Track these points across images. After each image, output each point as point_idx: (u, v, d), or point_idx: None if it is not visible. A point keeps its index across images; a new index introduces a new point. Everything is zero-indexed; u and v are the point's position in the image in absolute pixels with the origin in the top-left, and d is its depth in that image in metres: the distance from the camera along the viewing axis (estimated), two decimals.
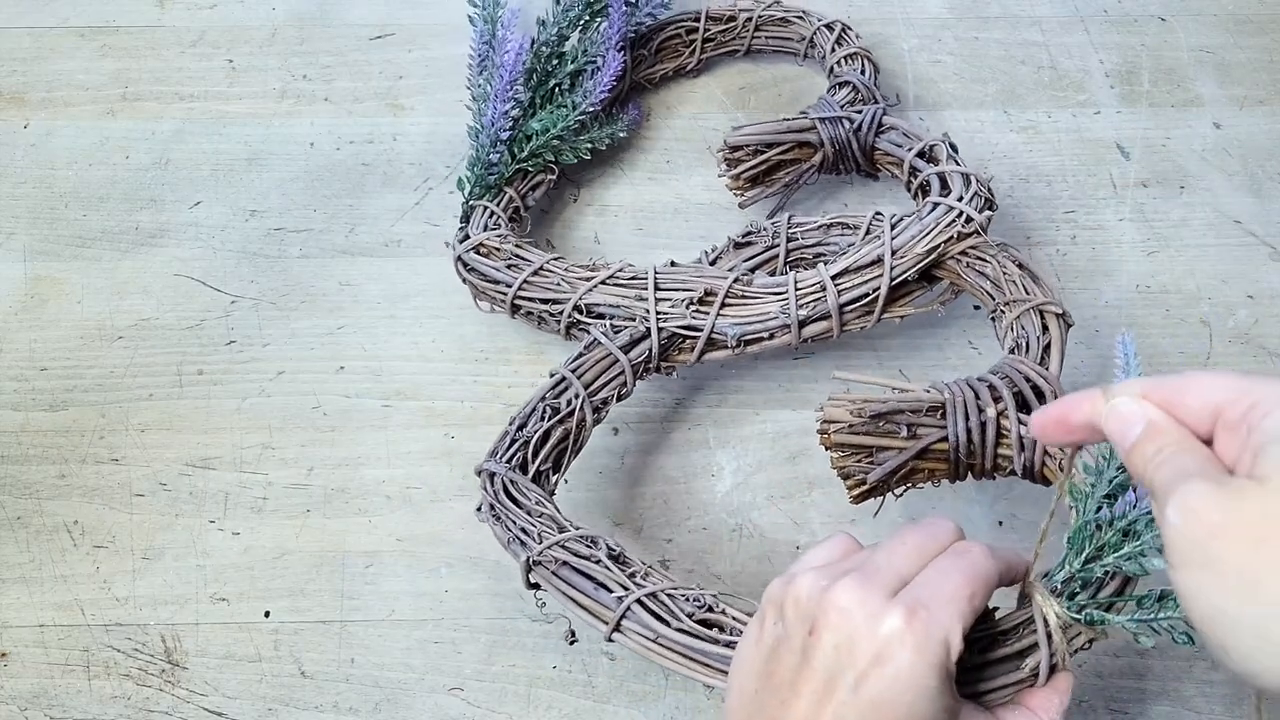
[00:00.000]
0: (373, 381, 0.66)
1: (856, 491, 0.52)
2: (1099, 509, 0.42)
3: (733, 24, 0.81)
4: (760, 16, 0.80)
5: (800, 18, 0.80)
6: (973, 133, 0.79)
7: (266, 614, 0.58)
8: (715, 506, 0.61)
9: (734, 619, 0.47)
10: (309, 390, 0.66)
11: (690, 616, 0.47)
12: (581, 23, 0.75)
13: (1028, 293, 0.58)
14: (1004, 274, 0.59)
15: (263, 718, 0.54)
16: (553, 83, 0.72)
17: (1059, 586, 0.43)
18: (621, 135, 0.74)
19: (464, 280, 0.66)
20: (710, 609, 0.48)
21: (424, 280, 0.70)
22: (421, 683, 0.55)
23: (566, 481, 0.62)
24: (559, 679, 0.56)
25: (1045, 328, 0.56)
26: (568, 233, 0.73)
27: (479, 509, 0.55)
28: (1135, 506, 0.41)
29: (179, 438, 0.64)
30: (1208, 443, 0.33)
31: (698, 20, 0.80)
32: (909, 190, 0.68)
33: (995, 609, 0.44)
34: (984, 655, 0.43)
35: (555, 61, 0.73)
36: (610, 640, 0.48)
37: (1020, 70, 0.83)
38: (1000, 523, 0.60)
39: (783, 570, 0.44)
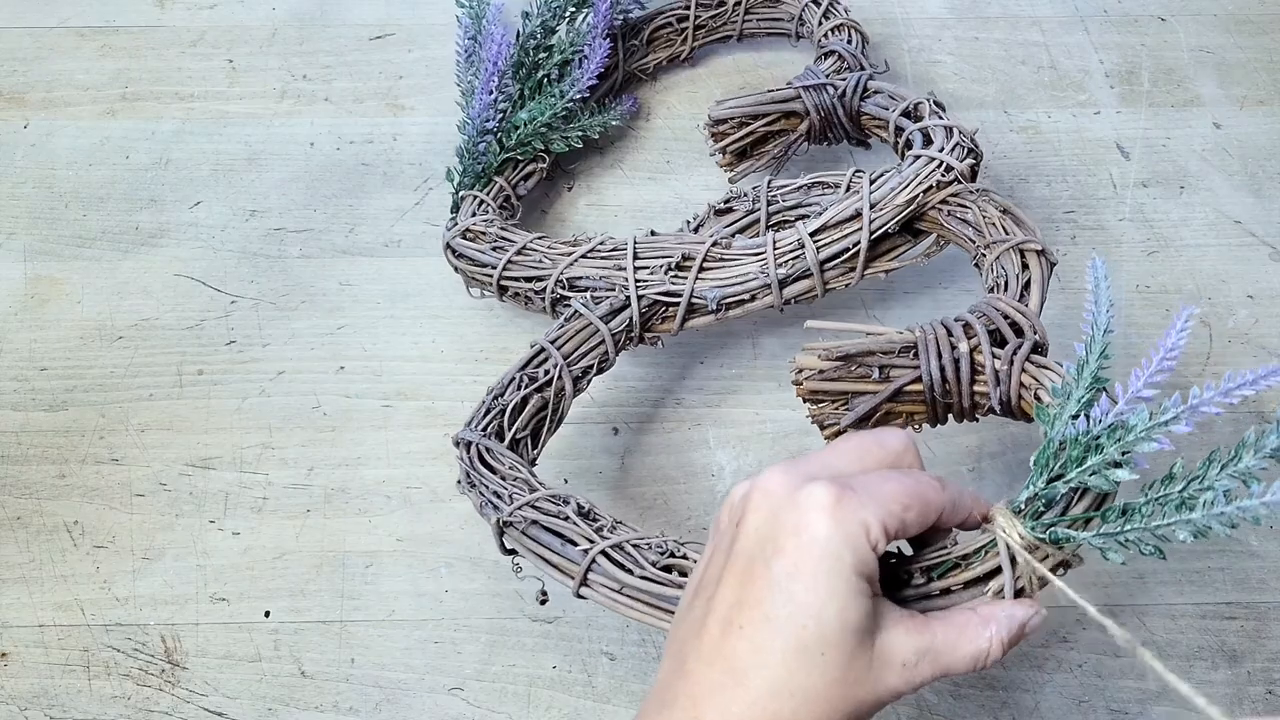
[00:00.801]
0: (373, 381, 0.66)
1: (831, 439, 0.51)
2: (1065, 428, 0.41)
3: (723, 9, 0.81)
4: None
5: None
6: (972, 133, 0.79)
7: (266, 614, 0.58)
8: (715, 506, 0.61)
9: (695, 560, 0.47)
10: (309, 390, 0.66)
11: (654, 565, 0.47)
12: (568, 14, 0.75)
13: (1008, 234, 0.57)
14: (984, 218, 0.58)
15: (263, 718, 0.54)
16: (541, 74, 0.73)
17: (1023, 506, 0.41)
18: (614, 124, 0.75)
19: (455, 269, 0.66)
20: (673, 554, 0.47)
21: (424, 280, 0.70)
22: (421, 683, 0.55)
23: (566, 481, 0.62)
24: (559, 679, 0.56)
25: (1025, 265, 0.55)
26: (568, 232, 0.73)
27: (459, 481, 0.55)
28: (1100, 422, 0.40)
29: (179, 438, 0.64)
30: None
31: (688, 8, 0.81)
32: (896, 151, 0.67)
33: (953, 533, 0.42)
34: (943, 580, 0.41)
35: (543, 54, 0.74)
36: (579, 596, 0.48)
37: (1020, 70, 0.83)
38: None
39: None
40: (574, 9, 0.75)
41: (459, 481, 0.55)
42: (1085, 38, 0.86)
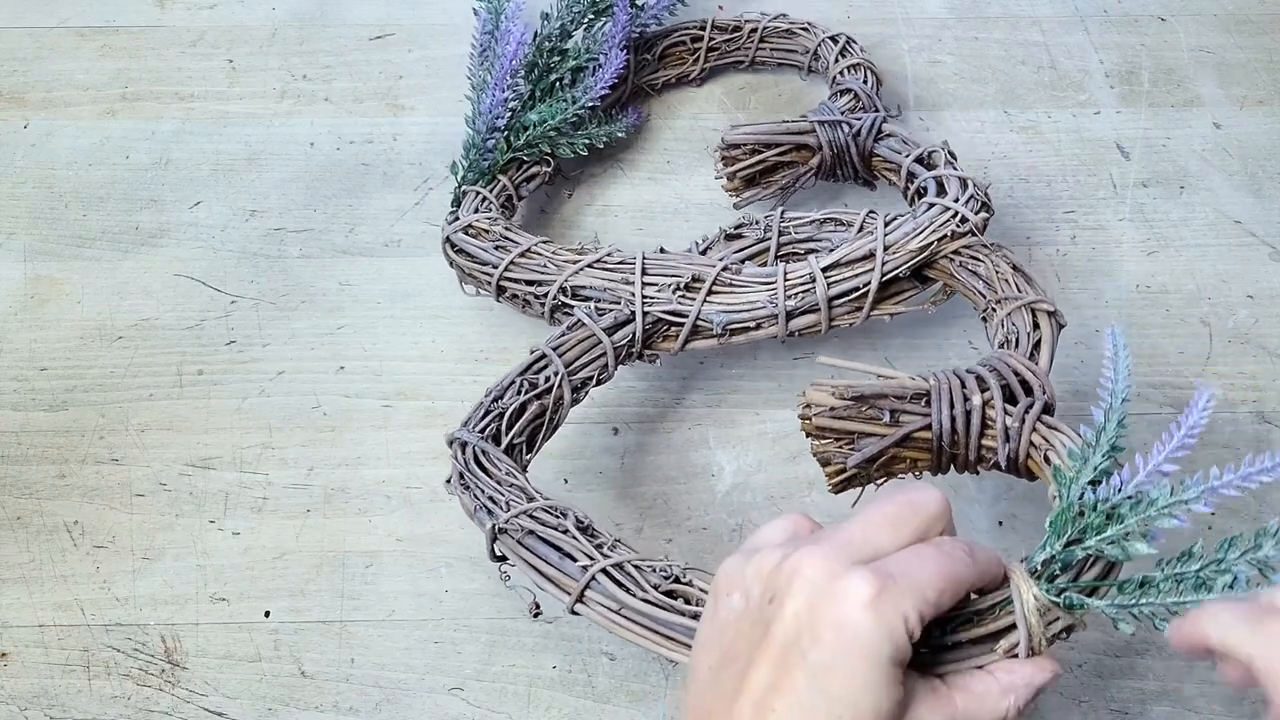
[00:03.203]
0: (373, 381, 0.66)
1: (836, 480, 0.51)
2: (1082, 494, 0.42)
3: (738, 34, 0.81)
4: (766, 28, 0.80)
5: (805, 30, 0.80)
6: (973, 133, 0.79)
7: (266, 614, 0.58)
8: (715, 506, 0.61)
9: (701, 590, 0.46)
10: (309, 390, 0.66)
11: (656, 588, 0.46)
12: (586, 20, 0.75)
13: (1020, 292, 0.57)
14: (997, 273, 0.58)
15: (263, 718, 0.54)
16: (553, 77, 0.73)
17: (1038, 568, 0.42)
18: (620, 136, 0.74)
19: (451, 262, 0.66)
20: (677, 580, 0.47)
21: (424, 280, 0.70)
22: (421, 683, 0.55)
23: (566, 482, 0.62)
24: (559, 679, 0.56)
25: (1036, 325, 0.56)
26: (568, 232, 0.73)
27: (448, 480, 0.54)
28: (1119, 491, 0.41)
29: (179, 438, 0.64)
30: None
31: (703, 29, 0.80)
32: (905, 197, 0.67)
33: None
34: (956, 635, 0.41)
35: (557, 57, 0.74)
36: (573, 612, 0.48)
37: (1020, 70, 0.83)
38: (1000, 523, 0.60)
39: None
40: (592, 16, 0.75)
41: (449, 481, 0.54)
42: (1085, 38, 0.86)
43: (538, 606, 0.53)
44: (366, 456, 0.63)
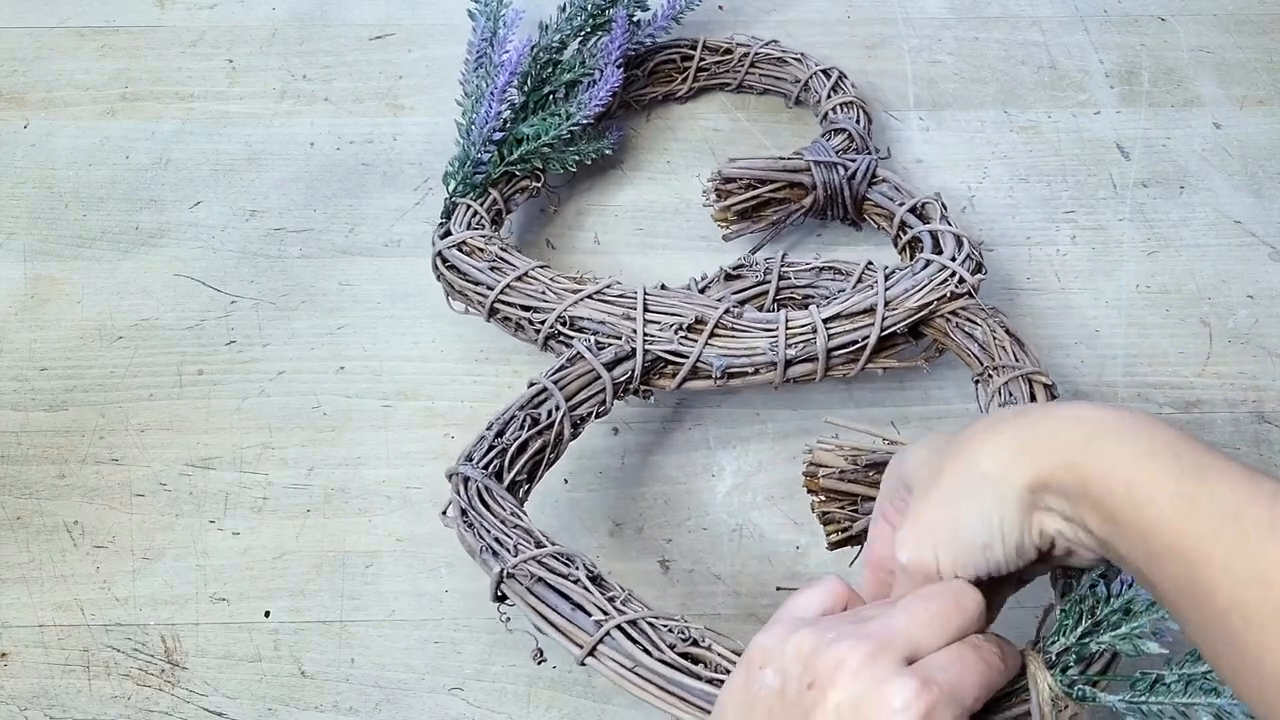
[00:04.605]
0: (373, 381, 0.66)
1: (836, 538, 0.53)
2: (1093, 585, 0.43)
3: (729, 57, 0.80)
4: (758, 54, 0.80)
5: (797, 60, 0.79)
6: (973, 133, 0.79)
7: (266, 614, 0.58)
8: (715, 506, 0.61)
9: (719, 655, 0.46)
10: (309, 390, 0.66)
11: (672, 648, 0.46)
12: (583, 33, 0.75)
13: (1016, 359, 0.58)
14: (994, 339, 0.59)
15: (263, 718, 0.54)
16: (547, 89, 0.72)
17: (1054, 659, 0.43)
18: (606, 153, 0.74)
19: (439, 276, 0.65)
20: (695, 643, 0.46)
21: (424, 280, 0.70)
22: (421, 683, 0.55)
23: (566, 481, 0.62)
24: (559, 679, 0.56)
25: (1033, 396, 0.56)
26: (569, 232, 0.73)
27: (444, 512, 0.53)
28: (1131, 587, 0.42)
29: (179, 438, 0.64)
30: None
31: (694, 49, 0.80)
32: (895, 245, 0.68)
33: None
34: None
35: (552, 68, 0.73)
36: (582, 664, 0.47)
37: (1020, 70, 0.83)
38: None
39: (782, 573, 0.43)
40: (589, 30, 0.75)
41: (445, 513, 0.53)
42: (1085, 38, 0.86)
43: (541, 653, 0.52)
44: (366, 456, 0.63)
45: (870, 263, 0.64)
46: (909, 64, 0.84)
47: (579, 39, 0.75)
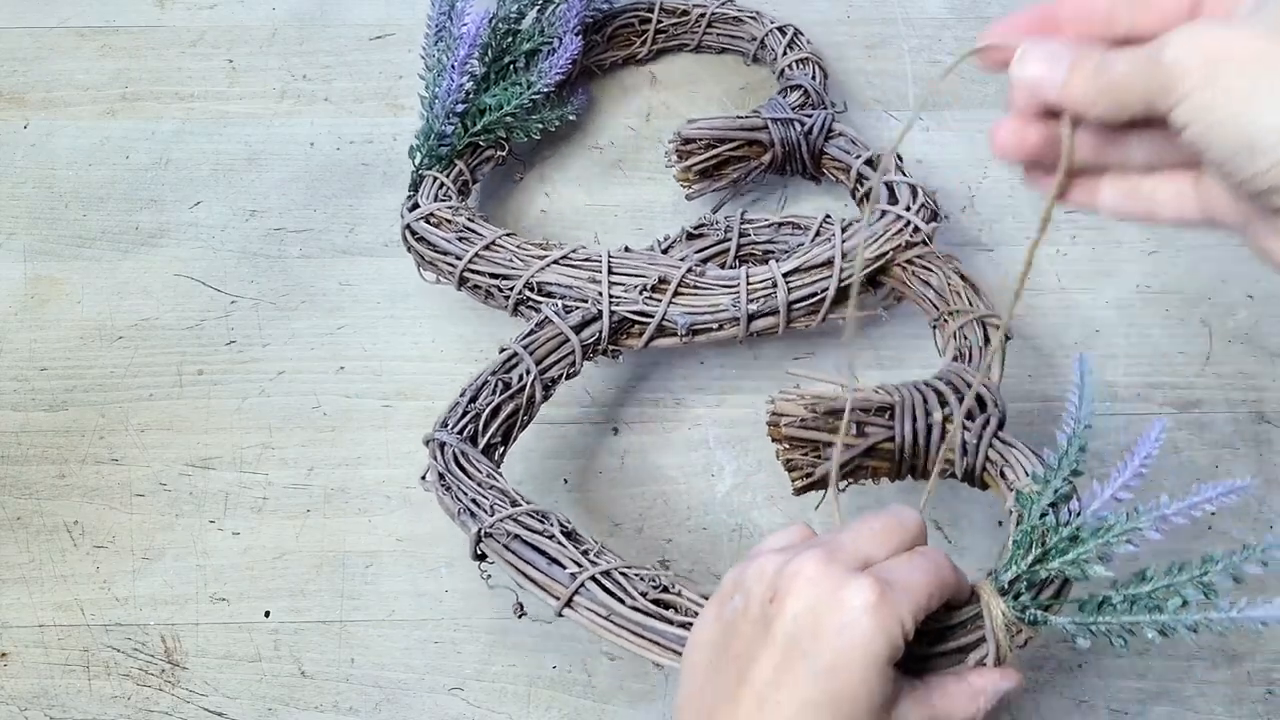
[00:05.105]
0: (373, 381, 0.66)
1: (801, 484, 0.54)
2: (1044, 514, 0.44)
3: (686, 18, 0.82)
4: (714, 14, 0.82)
5: (753, 18, 0.81)
6: (973, 133, 0.79)
7: (266, 614, 0.58)
8: (715, 506, 0.61)
9: (689, 600, 0.48)
10: (309, 390, 0.66)
11: (644, 595, 0.48)
12: (541, 2, 0.76)
13: (970, 304, 0.59)
14: (949, 284, 0.60)
15: (263, 718, 0.54)
16: (508, 59, 0.73)
17: (1006, 586, 0.45)
18: (570, 119, 0.75)
19: (409, 248, 0.66)
20: (666, 589, 0.48)
21: (424, 280, 0.70)
22: (421, 683, 0.55)
23: (566, 481, 0.62)
24: (559, 679, 0.56)
25: (987, 339, 0.58)
26: (569, 232, 0.73)
27: (424, 477, 0.55)
28: (1079, 515, 0.43)
29: (179, 438, 0.64)
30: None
31: (651, 11, 0.82)
32: (853, 197, 0.70)
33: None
34: (931, 647, 0.44)
35: (511, 38, 0.74)
36: (560, 615, 0.49)
37: None
38: (999, 523, 0.60)
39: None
40: None
41: (424, 478, 0.55)
42: None
43: (521, 607, 0.55)
44: (366, 456, 0.63)
45: (828, 216, 0.66)
46: (909, 64, 0.84)
47: (537, 8, 0.76)
